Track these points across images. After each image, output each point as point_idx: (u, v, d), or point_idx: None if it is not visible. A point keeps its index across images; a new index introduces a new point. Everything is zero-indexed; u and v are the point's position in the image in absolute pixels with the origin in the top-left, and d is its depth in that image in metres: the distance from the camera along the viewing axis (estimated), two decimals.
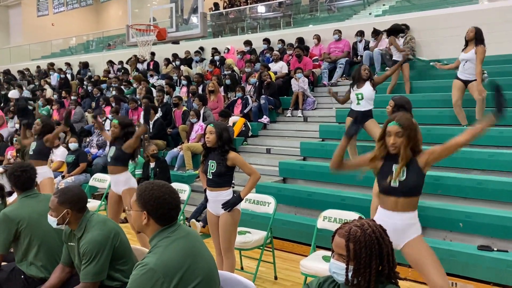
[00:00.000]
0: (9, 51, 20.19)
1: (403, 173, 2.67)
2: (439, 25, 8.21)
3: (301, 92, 8.20)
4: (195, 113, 7.44)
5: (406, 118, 2.70)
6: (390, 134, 2.67)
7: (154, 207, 1.99)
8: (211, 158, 3.57)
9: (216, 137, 3.49)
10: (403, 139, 2.63)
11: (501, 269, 3.70)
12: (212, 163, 3.55)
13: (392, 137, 2.65)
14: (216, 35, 13.87)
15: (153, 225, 2.02)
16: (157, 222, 2.01)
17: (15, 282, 2.94)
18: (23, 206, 2.98)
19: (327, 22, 11.29)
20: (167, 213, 2.01)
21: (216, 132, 3.48)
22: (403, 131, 2.63)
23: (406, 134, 2.63)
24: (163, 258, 1.89)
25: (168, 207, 2.01)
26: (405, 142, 2.63)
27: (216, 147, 3.52)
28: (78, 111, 9.90)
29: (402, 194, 2.68)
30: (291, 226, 5.01)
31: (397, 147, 2.65)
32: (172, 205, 2.02)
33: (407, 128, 2.63)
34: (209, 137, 3.51)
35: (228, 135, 3.54)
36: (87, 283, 2.47)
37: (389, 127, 2.68)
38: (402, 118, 2.68)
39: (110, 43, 17.79)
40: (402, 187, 2.67)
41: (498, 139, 5.41)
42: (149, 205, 1.99)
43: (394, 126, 2.66)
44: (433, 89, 7.10)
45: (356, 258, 1.71)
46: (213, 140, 3.50)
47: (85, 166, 7.34)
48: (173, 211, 2.03)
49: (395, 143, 2.65)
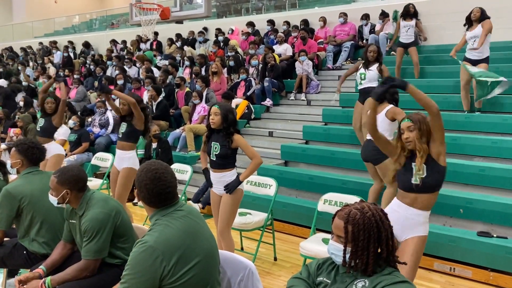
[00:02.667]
0: (11, 28, 20.06)
1: (424, 170, 2.71)
2: (446, 9, 8.09)
3: (305, 75, 8.14)
4: (198, 94, 7.41)
5: (417, 114, 2.79)
6: (404, 131, 2.76)
7: (146, 193, 2.01)
8: (214, 139, 3.54)
9: (221, 119, 3.45)
10: (415, 132, 2.71)
11: (500, 255, 3.72)
12: (215, 144, 3.52)
13: (405, 133, 2.74)
14: (221, 15, 13.71)
15: (149, 208, 2.07)
16: (152, 206, 2.04)
17: (17, 257, 2.98)
18: (26, 182, 2.99)
19: (333, 4, 11.13)
20: (158, 196, 2.01)
21: (221, 113, 3.44)
22: (414, 125, 2.71)
23: (417, 127, 2.71)
24: (163, 236, 1.90)
25: (157, 191, 2.00)
26: (418, 135, 2.70)
27: (221, 128, 3.49)
28: (81, 90, 9.87)
29: (423, 191, 2.73)
30: (291, 208, 5.03)
31: (411, 141, 2.72)
32: (162, 187, 2.00)
33: (417, 121, 2.72)
34: (214, 118, 3.47)
35: (233, 117, 3.51)
36: (89, 261, 2.49)
37: (402, 124, 2.79)
38: (413, 114, 2.79)
39: (114, 22, 17.63)
40: (423, 184, 2.72)
41: (501, 126, 5.39)
42: (141, 192, 2.03)
43: (405, 122, 2.77)
44: (439, 75, 7.03)
45: (354, 240, 1.73)
46: (218, 121, 3.46)
47: (87, 145, 7.36)
48: (164, 194, 2.01)
49: (409, 137, 2.72)
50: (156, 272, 1.86)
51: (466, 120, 5.68)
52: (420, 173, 2.70)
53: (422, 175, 2.70)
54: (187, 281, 1.91)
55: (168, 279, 1.88)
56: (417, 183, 2.72)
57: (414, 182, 2.73)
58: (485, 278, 3.78)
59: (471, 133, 5.49)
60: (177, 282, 1.89)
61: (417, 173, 2.70)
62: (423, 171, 2.70)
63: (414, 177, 2.73)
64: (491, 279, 3.75)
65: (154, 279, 1.86)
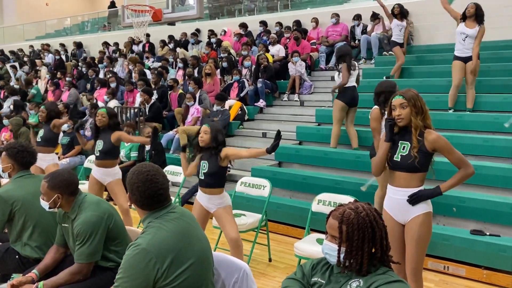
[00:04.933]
0: (2, 31, 19.88)
1: (407, 148, 2.67)
2: (438, 9, 8.11)
3: (298, 76, 8.15)
4: (192, 96, 7.39)
5: (409, 90, 2.73)
6: (395, 108, 2.70)
7: (138, 195, 2.00)
8: (203, 158, 3.60)
9: (210, 138, 3.52)
10: (408, 109, 2.66)
11: (493, 253, 3.75)
12: (204, 163, 3.58)
13: (397, 110, 2.69)
14: (213, 17, 13.69)
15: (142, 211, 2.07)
16: (145, 208, 2.03)
17: (10, 262, 2.95)
18: (18, 186, 2.97)
19: (326, 5, 11.15)
20: (151, 198, 2.00)
21: (211, 133, 3.52)
22: (407, 102, 2.66)
23: (410, 105, 2.65)
24: (156, 239, 1.90)
25: (150, 193, 1.98)
26: (413, 112, 2.65)
27: (209, 147, 3.55)
28: (73, 92, 9.81)
29: (404, 169, 2.69)
30: (286, 209, 5.03)
31: (403, 118, 2.67)
32: (154, 189, 1.99)
33: (410, 98, 2.66)
34: (203, 136, 3.55)
35: (223, 138, 3.59)
36: (82, 264, 2.47)
37: (393, 101, 2.72)
38: (404, 91, 2.73)
39: (105, 24, 17.54)
40: (403, 161, 2.68)
41: (493, 125, 5.42)
42: (133, 194, 2.02)
43: (397, 99, 2.70)
44: (430, 75, 7.07)
45: (349, 240, 1.72)
46: (206, 140, 3.54)
47: (80, 149, 7.32)
48: (157, 196, 2.00)
49: (401, 114, 2.67)
50: (149, 274, 1.85)
51: (457, 119, 5.71)
52: (416, 150, 2.63)
53: (404, 152, 2.67)
54: (181, 283, 1.90)
55: (161, 281, 1.87)
56: (398, 160, 2.69)
57: (395, 158, 2.70)
58: (478, 276, 3.80)
59: (463, 132, 5.52)
60: (171, 285, 1.88)
61: (414, 149, 2.63)
62: (406, 149, 2.67)
63: (397, 154, 2.70)
64: (485, 277, 3.78)
65: (147, 281, 1.85)
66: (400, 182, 2.72)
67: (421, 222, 2.69)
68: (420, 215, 2.70)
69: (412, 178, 2.69)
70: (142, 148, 6.52)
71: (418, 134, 2.66)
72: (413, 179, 2.69)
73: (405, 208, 2.72)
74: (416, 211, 2.70)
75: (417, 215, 2.70)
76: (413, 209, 2.70)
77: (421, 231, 2.69)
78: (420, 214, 2.70)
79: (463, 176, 2.77)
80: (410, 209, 2.70)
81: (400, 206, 2.73)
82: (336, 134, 5.81)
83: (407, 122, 2.68)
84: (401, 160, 2.69)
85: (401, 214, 2.75)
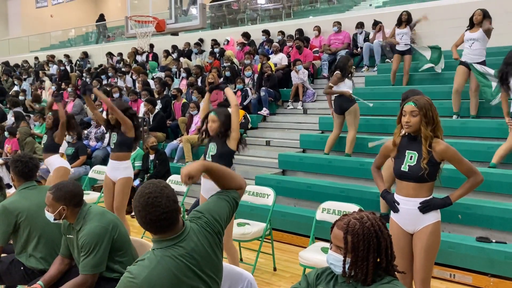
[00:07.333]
0: (7, 43, 20.09)
1: (414, 158, 2.65)
2: (439, 16, 8.16)
3: (301, 84, 8.17)
4: (195, 105, 7.42)
5: (423, 98, 2.68)
6: (406, 114, 2.66)
7: (140, 220, 1.84)
8: (211, 141, 3.59)
9: (219, 125, 3.50)
10: (419, 118, 2.61)
11: (500, 260, 3.72)
12: (212, 145, 3.56)
13: (407, 116, 2.64)
14: (216, 26, 13.79)
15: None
16: (151, 233, 1.86)
17: (15, 274, 2.95)
18: (22, 198, 2.98)
19: (328, 13, 11.23)
20: (152, 224, 1.81)
21: (219, 120, 3.50)
22: (418, 110, 2.61)
23: (421, 114, 2.61)
24: (151, 277, 1.75)
25: (150, 218, 1.79)
26: (423, 121, 2.60)
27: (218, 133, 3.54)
28: (77, 103, 9.87)
29: (413, 179, 2.66)
30: (290, 217, 5.01)
31: (411, 126, 2.63)
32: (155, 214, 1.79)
33: (422, 107, 2.61)
34: (212, 125, 3.53)
35: (229, 121, 3.54)
36: (86, 275, 2.47)
37: (405, 107, 2.67)
38: (418, 98, 2.67)
39: (109, 34, 17.70)
40: (412, 172, 2.64)
41: (497, 131, 5.40)
42: (137, 218, 1.85)
43: (409, 105, 2.65)
44: (433, 81, 7.07)
45: (354, 250, 1.71)
46: (216, 128, 3.51)
47: (85, 159, 7.36)
48: (159, 221, 1.80)
49: (409, 121, 2.63)
50: None
51: (461, 125, 5.70)
52: (426, 161, 2.60)
53: (412, 162, 2.64)
54: None
55: None
56: (405, 170, 2.66)
57: (403, 169, 2.67)
58: (485, 284, 3.77)
59: (467, 138, 5.51)
60: None
61: (423, 161, 2.61)
62: (414, 159, 2.64)
63: (404, 164, 2.67)
64: (492, 284, 3.74)
65: None
66: (409, 192, 2.69)
67: (431, 231, 2.67)
68: (430, 224, 2.67)
69: (421, 187, 2.67)
70: (146, 158, 6.54)
71: (427, 145, 2.62)
72: (423, 189, 2.67)
73: (416, 218, 2.69)
74: (428, 220, 2.67)
75: (427, 224, 2.67)
76: (424, 218, 2.67)
77: (431, 240, 2.67)
78: (430, 223, 2.67)
79: (472, 184, 2.75)
80: (421, 218, 2.68)
81: (411, 216, 2.70)
82: (350, 139, 5.80)
83: (414, 130, 2.64)
84: (409, 170, 2.66)
85: (411, 223, 2.71)
